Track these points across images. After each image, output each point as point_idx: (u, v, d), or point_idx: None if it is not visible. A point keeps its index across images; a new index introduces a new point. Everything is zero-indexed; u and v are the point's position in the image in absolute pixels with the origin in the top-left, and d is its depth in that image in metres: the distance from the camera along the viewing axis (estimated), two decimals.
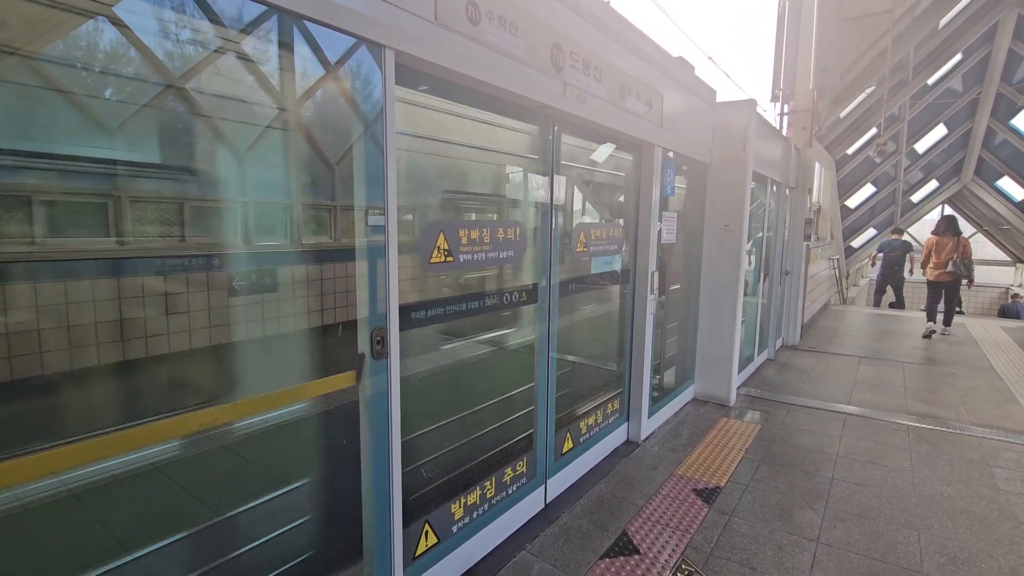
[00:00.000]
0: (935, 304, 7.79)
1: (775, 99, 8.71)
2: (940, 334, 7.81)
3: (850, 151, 12.80)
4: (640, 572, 2.42)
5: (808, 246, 7.39)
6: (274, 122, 2.50)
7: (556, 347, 2.95)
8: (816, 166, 8.05)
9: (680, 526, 2.79)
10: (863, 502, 3.06)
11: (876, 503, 3.06)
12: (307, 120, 2.56)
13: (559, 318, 3.00)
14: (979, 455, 3.72)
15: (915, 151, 14.67)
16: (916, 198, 16.28)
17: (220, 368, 2.62)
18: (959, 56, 11.70)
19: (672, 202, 4.10)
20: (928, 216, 17.01)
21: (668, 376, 4.59)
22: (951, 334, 7.84)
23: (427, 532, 2.22)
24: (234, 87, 2.22)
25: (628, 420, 3.88)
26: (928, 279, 7.72)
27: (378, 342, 1.86)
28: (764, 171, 5.22)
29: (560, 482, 3.11)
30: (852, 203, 15.10)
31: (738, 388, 5.10)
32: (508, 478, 2.68)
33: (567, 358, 3.72)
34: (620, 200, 4.13)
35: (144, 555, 2.03)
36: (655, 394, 4.13)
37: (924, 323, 7.91)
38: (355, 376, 1.85)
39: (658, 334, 4.16)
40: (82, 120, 1.97)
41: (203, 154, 2.37)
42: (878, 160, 12.91)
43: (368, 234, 1.80)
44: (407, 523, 2.09)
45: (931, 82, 12.26)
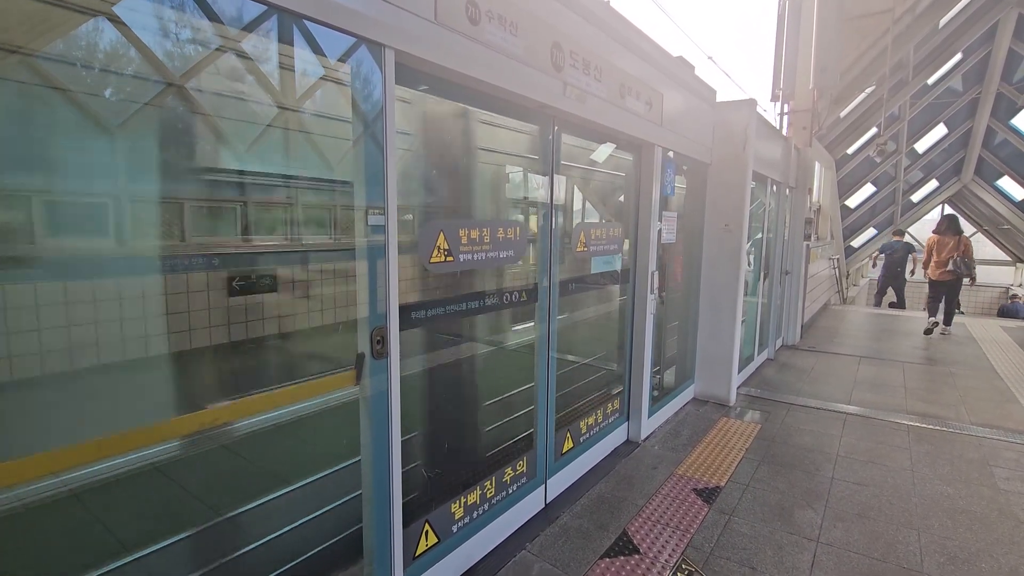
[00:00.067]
0: (936, 303, 7.84)
1: (775, 99, 8.72)
2: (940, 333, 7.82)
3: (850, 151, 12.80)
4: (640, 572, 2.42)
5: (808, 246, 7.39)
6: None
7: (556, 347, 2.95)
8: (816, 166, 8.05)
9: (680, 526, 2.79)
10: (863, 502, 3.06)
11: (876, 503, 3.06)
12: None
13: (559, 318, 3.00)
14: (979, 455, 3.72)
15: (915, 151, 14.67)
16: (916, 198, 16.27)
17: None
18: (959, 56, 11.70)
19: (672, 202, 4.10)
20: (928, 216, 17.00)
21: (668, 376, 4.59)
22: (951, 334, 7.84)
23: (427, 532, 2.22)
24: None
25: (628, 420, 3.88)
26: (929, 278, 7.75)
27: (378, 342, 1.86)
28: (764, 171, 5.22)
29: (560, 482, 3.11)
30: (852, 203, 15.10)
31: (738, 388, 5.10)
32: (508, 478, 2.68)
33: (567, 358, 3.72)
34: (620, 200, 4.13)
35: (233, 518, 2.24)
36: (655, 394, 4.13)
37: (923, 323, 7.93)
38: (355, 376, 1.85)
39: (658, 334, 4.16)
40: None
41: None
42: (878, 160, 12.93)
43: (368, 234, 1.80)
44: (407, 523, 2.09)
45: (931, 82, 12.26)
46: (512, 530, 2.72)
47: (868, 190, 14.97)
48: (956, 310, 8.15)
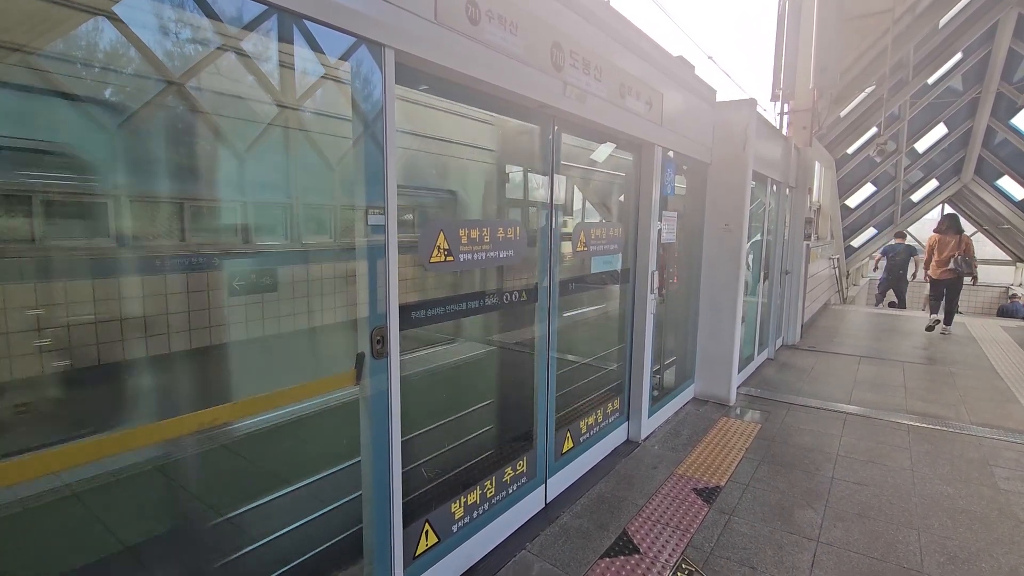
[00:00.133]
0: (937, 302, 7.89)
1: (775, 98, 8.72)
2: (940, 333, 7.82)
3: (850, 150, 12.80)
4: (640, 571, 2.42)
5: (808, 245, 7.39)
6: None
7: (556, 347, 2.95)
8: (816, 165, 8.05)
9: (680, 525, 2.79)
10: (863, 501, 3.06)
11: (876, 502, 3.06)
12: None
13: (559, 318, 3.00)
14: (979, 454, 3.72)
15: (915, 150, 14.66)
16: (916, 197, 16.25)
17: None
18: (959, 55, 11.70)
19: (672, 202, 4.10)
20: (929, 216, 17.00)
21: (668, 375, 4.59)
22: (951, 333, 7.85)
23: (427, 531, 2.22)
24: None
25: (628, 419, 3.88)
26: (930, 277, 7.77)
27: (378, 341, 1.86)
28: (764, 170, 5.22)
29: (560, 481, 3.11)
30: (852, 202, 15.09)
31: (738, 387, 5.10)
32: (508, 477, 2.68)
33: (567, 357, 3.72)
34: (620, 199, 4.13)
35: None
36: (655, 393, 4.13)
37: (923, 323, 7.94)
38: (355, 375, 1.85)
39: (658, 333, 4.16)
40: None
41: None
42: (878, 159, 12.93)
43: (368, 234, 1.80)
44: (407, 522, 2.09)
45: (931, 81, 12.26)
46: (512, 530, 2.72)
47: (868, 190, 14.97)
48: (956, 311, 8.17)
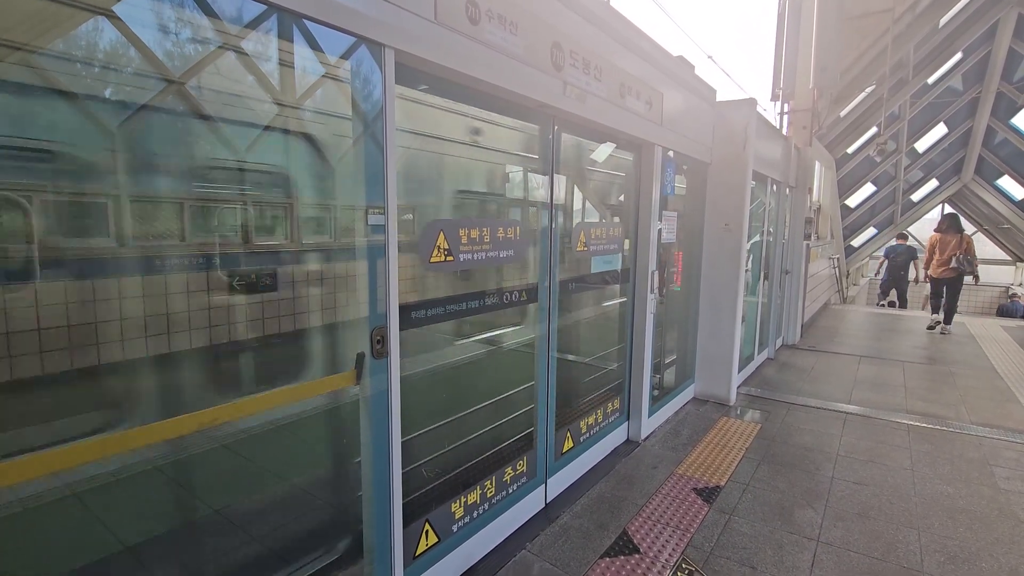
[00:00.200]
0: (938, 300, 7.92)
1: (775, 98, 8.71)
2: (940, 332, 7.83)
3: (850, 150, 12.79)
4: (640, 571, 2.42)
5: (808, 245, 7.39)
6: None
7: (556, 346, 2.95)
8: (816, 165, 8.05)
9: (680, 525, 2.79)
10: (863, 501, 3.06)
11: (876, 502, 3.06)
12: None
13: (559, 317, 3.00)
14: (979, 454, 3.72)
15: (915, 150, 14.65)
16: (916, 197, 16.25)
17: None
18: (959, 55, 11.69)
19: (672, 201, 4.10)
20: (929, 215, 17.00)
21: (668, 375, 4.59)
22: (951, 332, 7.85)
23: (427, 531, 2.22)
24: None
25: (628, 419, 3.88)
26: (931, 276, 7.79)
27: (378, 341, 1.86)
28: (764, 170, 5.22)
29: (560, 481, 3.11)
30: (852, 202, 15.09)
31: (738, 387, 5.10)
32: (508, 477, 2.68)
33: (567, 357, 3.72)
34: (620, 199, 4.13)
35: None
36: (655, 393, 4.13)
37: (923, 323, 7.95)
38: (355, 376, 1.85)
39: (658, 333, 4.16)
40: None
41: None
42: (878, 159, 12.93)
43: (368, 234, 1.80)
44: (407, 522, 2.09)
45: (931, 81, 12.25)
46: (512, 530, 2.72)
47: (868, 189, 14.96)
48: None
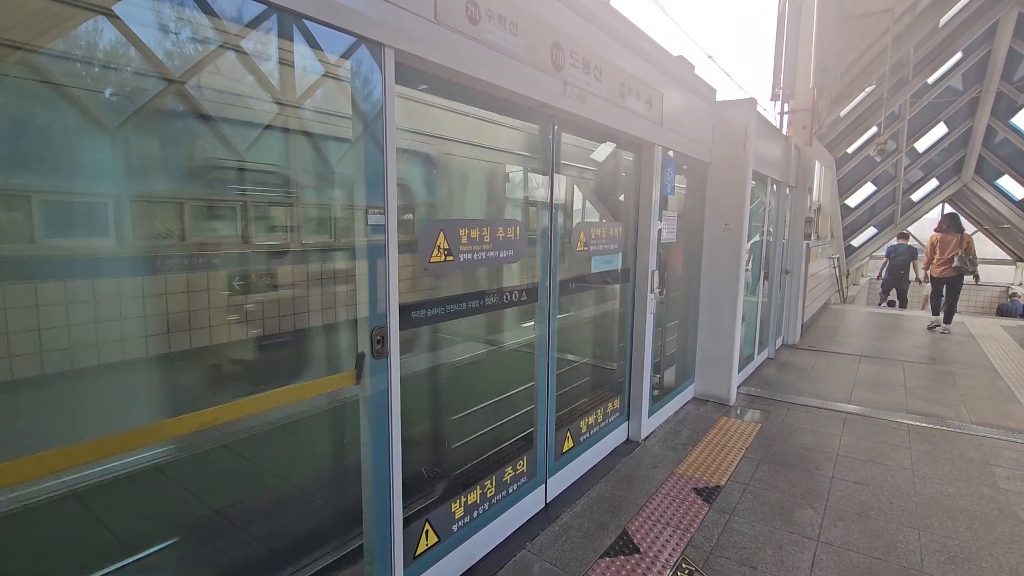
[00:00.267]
0: (938, 299, 7.93)
1: (775, 98, 8.71)
2: (940, 332, 7.83)
3: (850, 150, 12.79)
4: (640, 571, 2.42)
5: (808, 245, 7.39)
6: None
7: (556, 346, 2.95)
8: (816, 165, 8.05)
9: (680, 525, 2.79)
10: (863, 501, 3.06)
11: (876, 502, 3.06)
12: None
13: (559, 317, 3.00)
14: (979, 454, 3.72)
15: (915, 150, 14.64)
16: (916, 197, 16.24)
17: None
18: (959, 55, 11.68)
19: (672, 201, 4.10)
20: (929, 215, 17.00)
21: (668, 375, 4.59)
22: (951, 332, 7.85)
23: (427, 531, 2.22)
24: None
25: (628, 419, 3.88)
26: (932, 275, 7.80)
27: (378, 341, 1.86)
28: (764, 170, 5.21)
29: (560, 481, 3.11)
30: (852, 202, 15.08)
31: (738, 387, 5.10)
32: (508, 477, 2.68)
33: (567, 357, 3.72)
34: (620, 199, 4.12)
35: None
36: (655, 393, 4.13)
37: (923, 322, 7.95)
38: (355, 375, 1.85)
39: (658, 333, 4.16)
40: None
41: None
42: (878, 159, 12.92)
43: (368, 233, 1.80)
44: (407, 522, 2.09)
45: (931, 81, 12.24)
46: (512, 529, 2.72)
47: (868, 189, 14.96)
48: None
